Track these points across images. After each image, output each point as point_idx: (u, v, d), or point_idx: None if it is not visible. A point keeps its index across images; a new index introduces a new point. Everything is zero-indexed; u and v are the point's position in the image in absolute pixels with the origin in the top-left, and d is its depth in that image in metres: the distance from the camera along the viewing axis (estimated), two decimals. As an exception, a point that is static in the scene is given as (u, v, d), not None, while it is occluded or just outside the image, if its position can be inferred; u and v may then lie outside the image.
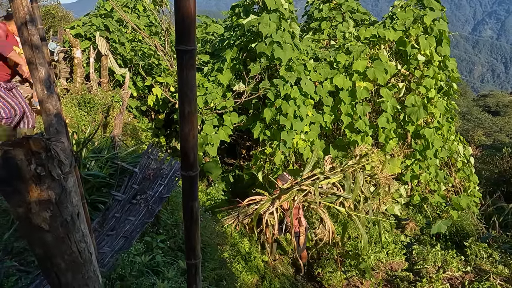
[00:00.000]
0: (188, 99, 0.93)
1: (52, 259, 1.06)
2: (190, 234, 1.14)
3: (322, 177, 7.21)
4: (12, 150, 0.93)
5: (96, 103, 7.52)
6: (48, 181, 0.99)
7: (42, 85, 2.27)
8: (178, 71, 0.92)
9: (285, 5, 9.01)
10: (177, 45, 0.89)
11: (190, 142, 0.97)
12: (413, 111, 8.94)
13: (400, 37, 9.06)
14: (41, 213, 1.00)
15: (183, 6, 0.84)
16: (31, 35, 2.18)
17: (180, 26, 0.86)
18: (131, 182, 3.92)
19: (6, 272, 3.11)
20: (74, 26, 10.05)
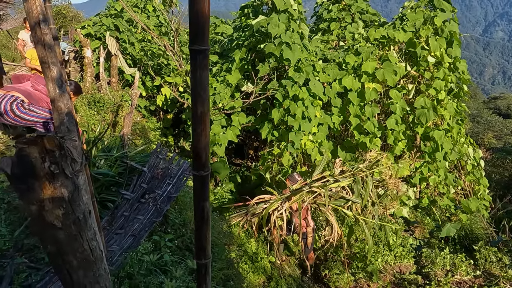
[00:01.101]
0: (201, 99, 0.93)
1: (64, 256, 1.07)
2: (200, 234, 1.14)
3: (332, 180, 7.20)
4: (26, 148, 0.94)
5: (105, 103, 7.58)
6: (61, 179, 1.00)
7: (54, 84, 2.30)
8: (191, 71, 0.92)
9: (294, 5, 9.00)
10: (191, 45, 0.89)
11: (202, 142, 0.97)
12: (422, 113, 8.86)
13: (410, 39, 8.99)
14: (54, 210, 1.01)
15: (198, 6, 0.84)
16: (44, 34, 2.21)
17: (194, 26, 0.87)
18: (140, 181, 3.94)
19: (16, 269, 3.15)
20: (85, 26, 10.15)
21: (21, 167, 0.96)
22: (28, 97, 4.70)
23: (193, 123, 0.96)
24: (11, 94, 4.66)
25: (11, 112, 4.66)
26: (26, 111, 4.77)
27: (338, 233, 6.91)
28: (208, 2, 0.84)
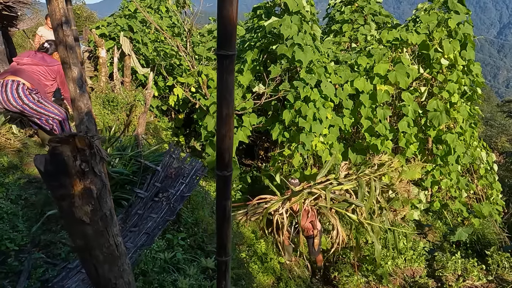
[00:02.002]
0: (227, 102, 0.96)
1: (91, 251, 1.12)
2: (221, 232, 1.18)
3: (336, 183, 7.20)
4: (59, 146, 0.99)
5: (119, 102, 7.69)
6: (90, 177, 1.04)
7: (74, 84, 2.36)
8: (218, 75, 0.96)
9: (307, 7, 9.00)
10: (218, 50, 0.93)
11: (226, 143, 1.01)
12: (435, 116, 8.79)
13: (423, 41, 8.93)
14: (83, 207, 1.05)
15: (226, 12, 0.88)
16: (66, 36, 2.27)
17: (222, 31, 0.90)
18: (154, 180, 4.00)
19: (34, 264, 3.23)
20: (99, 26, 10.30)
21: (53, 165, 1.00)
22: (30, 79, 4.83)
23: (217, 125, 1.00)
24: (11, 80, 4.79)
25: (19, 99, 4.78)
26: (35, 101, 4.88)
27: (343, 237, 6.91)
28: (236, 8, 0.88)
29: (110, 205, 1.13)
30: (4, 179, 4.47)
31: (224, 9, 0.88)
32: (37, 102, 4.91)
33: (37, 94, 4.90)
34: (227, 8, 0.88)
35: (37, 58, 5.03)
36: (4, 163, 4.76)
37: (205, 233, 4.19)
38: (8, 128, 5.72)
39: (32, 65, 4.93)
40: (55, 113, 4.99)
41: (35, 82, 4.88)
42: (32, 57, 5.02)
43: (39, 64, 4.97)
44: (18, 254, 3.30)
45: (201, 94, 9.45)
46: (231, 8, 0.88)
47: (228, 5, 0.87)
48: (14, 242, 3.35)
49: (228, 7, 0.88)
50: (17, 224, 3.66)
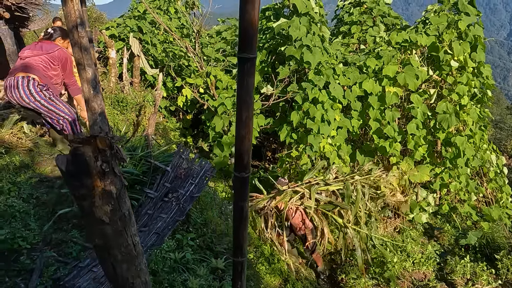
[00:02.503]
0: (247, 104, 0.97)
1: (110, 250, 1.13)
2: (238, 232, 1.19)
3: (322, 183, 7.20)
4: (81, 147, 1.00)
5: (128, 103, 7.75)
6: (111, 177, 1.06)
7: (88, 85, 2.39)
8: (238, 77, 0.97)
9: (316, 8, 9.00)
10: (239, 53, 0.94)
11: (245, 145, 1.02)
12: (444, 118, 8.72)
13: (433, 42, 8.87)
14: (103, 206, 1.07)
15: (248, 16, 0.89)
16: (80, 37, 2.30)
17: (244, 35, 0.91)
18: (164, 180, 4.02)
19: (46, 262, 3.26)
20: (109, 27, 10.38)
21: (75, 165, 1.02)
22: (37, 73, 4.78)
23: (237, 126, 1.01)
24: (21, 76, 4.79)
25: (31, 96, 4.80)
26: (46, 99, 4.88)
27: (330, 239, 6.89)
28: (258, 12, 0.89)
29: (128, 205, 1.15)
30: (16, 178, 4.53)
31: (247, 12, 0.89)
32: (49, 100, 4.89)
33: (48, 91, 4.86)
34: (249, 12, 0.89)
35: (37, 48, 4.92)
36: (16, 162, 4.82)
37: (214, 233, 4.21)
38: (19, 128, 5.79)
39: (33, 57, 4.83)
40: (66, 113, 5.00)
41: (41, 74, 4.79)
42: (32, 49, 4.92)
43: (39, 54, 4.86)
44: (30, 252, 3.34)
45: (209, 95, 9.48)
46: (253, 12, 0.89)
47: (251, 9, 0.88)
48: (26, 240, 3.39)
49: (250, 11, 0.89)
50: (29, 223, 3.70)
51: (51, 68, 4.88)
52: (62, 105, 5.01)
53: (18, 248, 3.29)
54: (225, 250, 4.13)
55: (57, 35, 5.07)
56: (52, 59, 4.87)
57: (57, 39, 5.07)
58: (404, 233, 8.88)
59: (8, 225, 3.52)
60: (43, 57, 4.85)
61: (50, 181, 4.75)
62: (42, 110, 4.93)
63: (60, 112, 4.97)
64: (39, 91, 4.80)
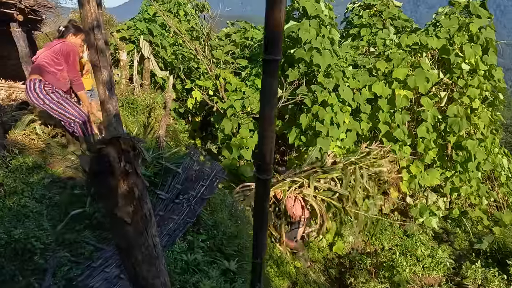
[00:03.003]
0: (270, 105, 0.98)
1: (131, 250, 1.14)
2: (258, 234, 1.19)
3: (320, 171, 7.19)
4: (105, 148, 1.01)
5: (138, 105, 7.81)
6: (133, 178, 1.07)
7: (104, 87, 2.42)
8: (262, 79, 0.97)
9: (326, 11, 9.00)
10: (265, 55, 0.94)
11: (268, 146, 1.02)
12: (455, 122, 8.64)
13: (444, 45, 8.81)
14: (125, 207, 1.08)
15: (274, 19, 0.89)
16: (97, 39, 2.33)
17: (269, 37, 0.92)
18: (175, 182, 4.04)
19: (58, 262, 3.29)
20: (120, 30, 10.48)
21: (99, 165, 1.03)
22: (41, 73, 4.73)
23: (260, 127, 1.01)
24: (29, 79, 4.81)
25: (41, 100, 4.83)
26: (55, 102, 4.88)
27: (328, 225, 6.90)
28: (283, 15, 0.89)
29: (149, 206, 1.16)
30: (29, 178, 4.58)
31: (273, 15, 0.89)
32: (57, 103, 4.88)
33: (56, 94, 4.81)
34: (275, 15, 0.89)
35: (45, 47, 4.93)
36: (29, 163, 4.87)
37: (224, 235, 4.21)
38: (32, 129, 5.86)
39: (40, 57, 4.81)
40: (75, 116, 4.99)
41: (44, 72, 4.74)
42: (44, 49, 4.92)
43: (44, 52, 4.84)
44: (43, 252, 3.38)
45: (218, 97, 9.52)
46: (279, 15, 0.89)
47: (277, 12, 0.89)
48: (39, 240, 3.42)
49: (276, 14, 0.89)
50: (42, 223, 3.74)
51: (55, 63, 4.79)
52: (72, 108, 4.99)
53: (32, 248, 3.32)
54: (235, 252, 4.13)
55: (68, 32, 4.98)
56: (55, 53, 4.79)
57: (68, 36, 4.98)
58: (413, 237, 8.81)
59: (22, 225, 3.56)
60: (46, 53, 4.79)
61: (62, 182, 4.80)
62: (52, 113, 4.98)
63: (70, 116, 4.98)
64: (46, 94, 4.79)
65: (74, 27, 5.11)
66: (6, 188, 4.05)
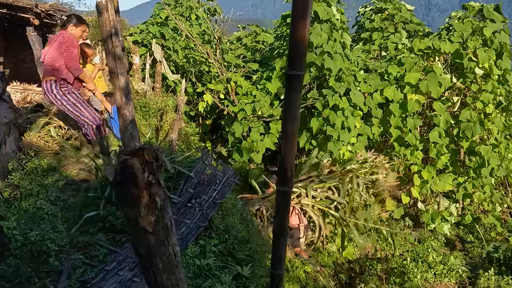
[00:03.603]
0: (292, 118, 0.99)
1: (152, 259, 1.16)
2: (278, 245, 1.20)
3: (317, 180, 7.20)
4: (129, 159, 1.04)
5: (151, 108, 7.88)
6: (156, 188, 1.09)
7: (121, 93, 2.45)
8: (285, 93, 0.98)
9: (337, 15, 8.98)
10: (288, 70, 0.95)
11: (290, 159, 1.03)
12: (468, 127, 8.54)
13: (457, 49, 8.72)
14: (148, 216, 1.10)
15: (299, 35, 0.90)
16: (114, 46, 2.37)
17: (293, 53, 0.93)
18: (187, 186, 4.07)
19: (73, 264, 3.34)
20: (132, 34, 10.60)
21: (123, 176, 1.05)
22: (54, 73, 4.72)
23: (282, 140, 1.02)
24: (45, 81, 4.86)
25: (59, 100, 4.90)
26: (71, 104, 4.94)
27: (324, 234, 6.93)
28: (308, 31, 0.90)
29: (170, 215, 1.17)
30: (44, 180, 4.66)
31: (297, 30, 0.90)
32: (73, 105, 4.93)
33: (72, 95, 4.84)
34: (300, 30, 0.90)
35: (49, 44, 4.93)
36: (44, 165, 4.95)
37: (236, 240, 4.22)
38: (46, 131, 5.96)
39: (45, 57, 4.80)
40: (89, 119, 5.04)
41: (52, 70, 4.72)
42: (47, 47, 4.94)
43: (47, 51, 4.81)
44: (58, 254, 3.42)
45: (229, 100, 9.55)
46: (304, 31, 0.90)
47: (302, 27, 0.90)
48: (54, 242, 3.47)
49: (301, 30, 0.90)
50: (57, 225, 3.80)
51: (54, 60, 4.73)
52: (86, 111, 5.02)
53: (47, 250, 3.37)
54: (246, 257, 4.14)
55: (69, 22, 4.89)
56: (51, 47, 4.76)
57: (69, 26, 4.87)
58: (425, 243, 8.71)
59: (38, 227, 3.62)
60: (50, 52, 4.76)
61: (75, 184, 4.87)
62: (68, 113, 5.05)
63: (85, 118, 5.03)
64: (62, 95, 4.84)
65: (76, 18, 5.08)
66: (22, 190, 4.13)
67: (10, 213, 3.67)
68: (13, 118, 5.36)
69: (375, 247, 9.16)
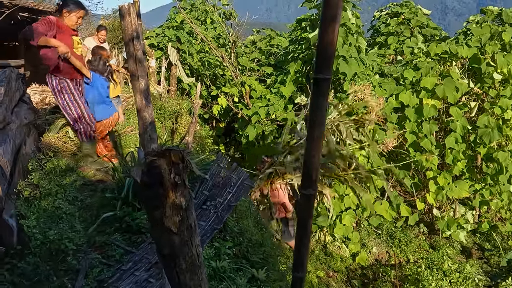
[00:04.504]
0: (319, 123, 0.99)
1: (175, 259, 1.18)
2: (301, 247, 1.20)
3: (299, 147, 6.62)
4: (157, 160, 1.06)
5: (166, 110, 7.97)
6: (181, 189, 1.11)
7: (141, 96, 2.49)
8: (312, 97, 0.99)
9: (352, 19, 8.95)
10: (315, 74, 0.96)
11: (315, 163, 1.04)
12: (485, 133, 8.39)
13: (475, 54, 8.60)
14: (173, 217, 1.11)
15: (328, 39, 0.91)
16: (136, 50, 2.41)
17: (321, 56, 0.93)
18: (202, 188, 4.10)
19: (90, 264, 3.39)
20: (149, 37, 10.75)
21: (149, 177, 1.07)
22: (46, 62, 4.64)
23: (307, 144, 1.03)
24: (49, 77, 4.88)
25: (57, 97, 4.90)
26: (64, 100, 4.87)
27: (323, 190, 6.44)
28: (337, 35, 0.91)
29: (194, 216, 1.19)
30: (62, 180, 4.75)
31: (326, 34, 0.91)
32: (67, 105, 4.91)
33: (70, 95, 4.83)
34: (329, 34, 0.91)
35: None
36: (62, 166, 5.05)
37: (250, 243, 4.23)
38: (65, 132, 6.08)
39: None
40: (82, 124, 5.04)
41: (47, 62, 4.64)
42: None
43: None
44: (75, 253, 3.48)
45: (243, 104, 9.59)
46: (332, 34, 0.91)
47: (331, 31, 0.91)
48: (72, 241, 3.53)
49: (330, 33, 0.91)
50: (75, 225, 3.86)
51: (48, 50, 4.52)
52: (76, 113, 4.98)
53: (65, 248, 3.43)
54: (260, 260, 4.14)
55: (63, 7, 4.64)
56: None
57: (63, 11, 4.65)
58: (440, 250, 8.58)
59: (56, 226, 3.69)
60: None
61: (93, 185, 4.95)
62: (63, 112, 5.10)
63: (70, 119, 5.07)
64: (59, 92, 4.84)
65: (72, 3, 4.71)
66: (41, 190, 4.21)
67: (30, 212, 3.75)
68: (32, 119, 5.48)
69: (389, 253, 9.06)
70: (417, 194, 9.17)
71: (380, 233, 9.19)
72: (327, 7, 0.85)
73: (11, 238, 3.29)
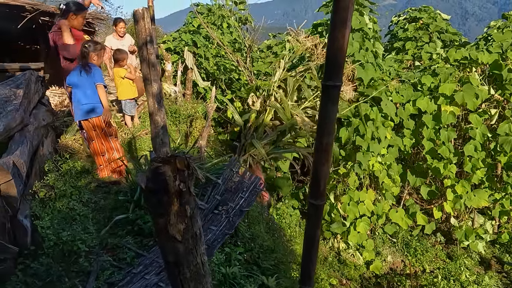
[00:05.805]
0: (328, 131, 0.96)
1: (180, 267, 1.15)
2: (308, 260, 1.16)
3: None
4: (162, 166, 1.04)
5: (181, 114, 8.01)
6: (186, 196, 1.08)
7: (154, 99, 2.50)
8: (321, 104, 0.96)
9: (370, 24, 8.86)
10: (325, 80, 0.93)
11: (324, 172, 1.00)
12: (506, 141, 8.15)
13: (496, 60, 8.38)
14: (177, 225, 1.09)
15: (338, 45, 0.88)
16: (149, 54, 2.41)
17: (331, 63, 0.90)
18: (214, 193, 4.08)
19: (101, 266, 3.41)
20: (165, 41, 10.86)
21: (154, 183, 1.05)
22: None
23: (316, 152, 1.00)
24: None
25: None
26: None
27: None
28: (347, 41, 0.87)
29: (199, 224, 1.17)
30: (77, 182, 4.81)
31: (336, 40, 0.88)
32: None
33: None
34: (339, 40, 0.88)
35: None
36: (77, 167, 5.12)
37: (261, 249, 4.19)
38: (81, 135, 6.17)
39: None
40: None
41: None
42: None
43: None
44: (87, 255, 3.51)
45: (258, 108, 9.56)
46: (342, 40, 0.88)
47: (341, 37, 0.88)
48: (85, 243, 3.56)
49: (341, 39, 0.88)
50: (88, 226, 3.90)
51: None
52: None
53: (77, 250, 3.46)
54: (271, 266, 4.09)
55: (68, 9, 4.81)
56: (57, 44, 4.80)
57: (69, 15, 4.80)
58: (457, 260, 8.35)
59: (69, 228, 3.73)
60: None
61: (106, 187, 5.00)
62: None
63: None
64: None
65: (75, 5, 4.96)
66: (56, 191, 4.27)
67: (44, 213, 3.80)
68: (50, 121, 5.58)
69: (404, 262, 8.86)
70: (434, 203, 8.96)
71: (396, 242, 8.99)
72: (337, 11, 0.82)
73: (25, 238, 3.34)
